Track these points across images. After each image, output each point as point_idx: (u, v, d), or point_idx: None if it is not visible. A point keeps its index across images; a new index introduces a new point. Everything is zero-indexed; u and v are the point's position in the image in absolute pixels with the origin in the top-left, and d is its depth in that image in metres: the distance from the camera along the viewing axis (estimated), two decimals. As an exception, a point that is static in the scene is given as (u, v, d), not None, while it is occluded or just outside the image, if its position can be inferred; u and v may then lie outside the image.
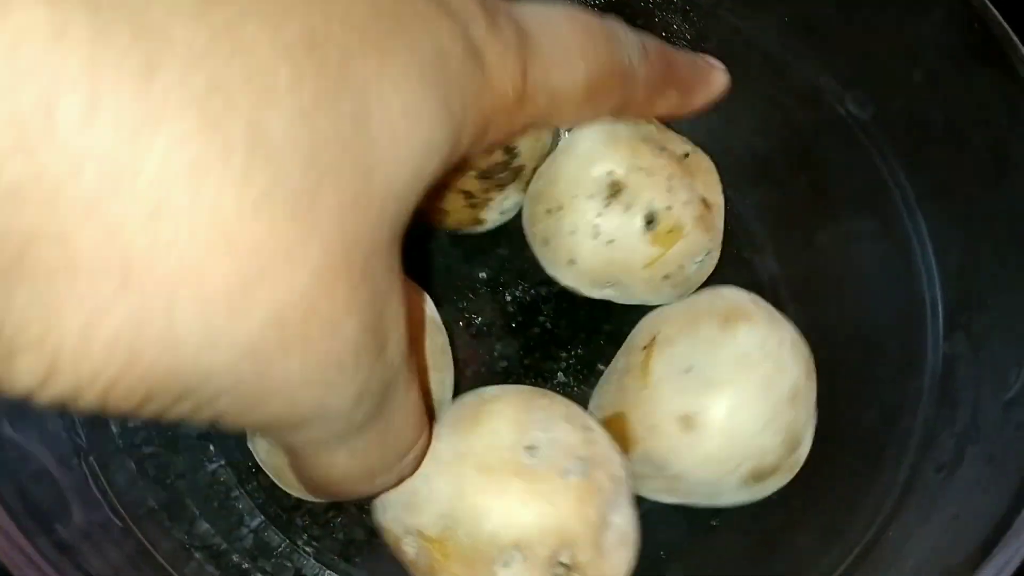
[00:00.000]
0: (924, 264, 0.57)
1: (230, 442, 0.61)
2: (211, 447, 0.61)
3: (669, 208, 0.56)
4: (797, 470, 0.54)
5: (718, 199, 0.60)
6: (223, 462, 0.60)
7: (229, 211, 0.27)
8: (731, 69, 0.65)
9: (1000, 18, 0.53)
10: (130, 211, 0.25)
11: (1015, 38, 0.52)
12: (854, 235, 0.63)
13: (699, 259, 0.58)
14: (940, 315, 0.56)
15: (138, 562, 0.52)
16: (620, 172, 0.56)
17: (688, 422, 0.51)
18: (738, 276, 0.60)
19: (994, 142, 0.54)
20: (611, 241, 0.56)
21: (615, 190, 0.56)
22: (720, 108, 0.65)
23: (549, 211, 0.58)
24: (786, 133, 0.66)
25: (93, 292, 0.26)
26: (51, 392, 0.27)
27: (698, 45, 0.67)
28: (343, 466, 0.39)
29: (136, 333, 0.27)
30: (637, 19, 0.67)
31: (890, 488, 0.53)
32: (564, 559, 0.47)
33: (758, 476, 0.52)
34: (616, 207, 0.56)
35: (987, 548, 0.43)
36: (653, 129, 0.59)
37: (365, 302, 0.32)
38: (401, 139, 0.32)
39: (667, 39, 0.66)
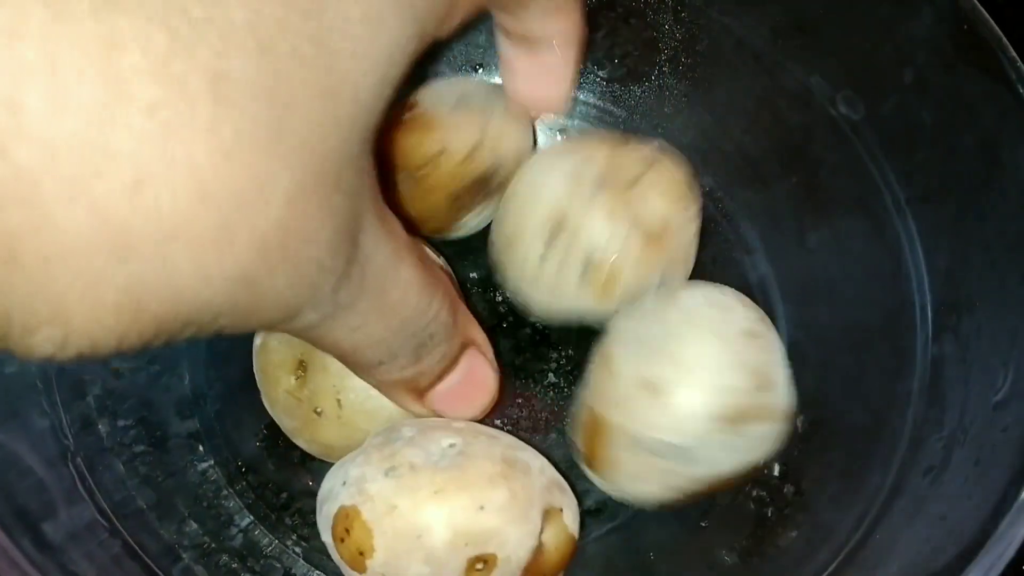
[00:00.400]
0: (913, 265, 0.57)
1: (219, 441, 0.61)
2: (200, 447, 0.61)
3: (604, 248, 0.57)
4: (782, 419, 0.54)
5: (679, 211, 0.59)
6: (212, 462, 0.60)
7: (204, 165, 0.27)
8: (722, 70, 0.65)
9: (989, 19, 0.53)
10: (112, 188, 0.26)
11: (1004, 39, 0.52)
12: (844, 236, 0.63)
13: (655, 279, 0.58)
14: (929, 317, 0.56)
15: (125, 563, 0.52)
16: (556, 214, 0.57)
17: (652, 385, 0.52)
18: (728, 276, 0.60)
19: (984, 143, 0.54)
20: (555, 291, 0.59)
21: (553, 232, 0.57)
22: (711, 109, 0.65)
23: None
24: (777, 134, 0.66)
25: (91, 269, 0.27)
26: (69, 353, 0.29)
27: (689, 46, 0.67)
28: (347, 340, 0.41)
29: (139, 292, 0.28)
30: (630, 18, 0.67)
31: (878, 490, 0.53)
32: None
33: (733, 419, 0.52)
34: (554, 254, 0.57)
35: (973, 551, 0.43)
36: (601, 158, 0.58)
37: (338, 208, 0.34)
38: (363, 49, 0.32)
39: (657, 39, 0.66)
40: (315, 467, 0.61)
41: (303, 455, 0.60)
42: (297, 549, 0.59)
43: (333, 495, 0.50)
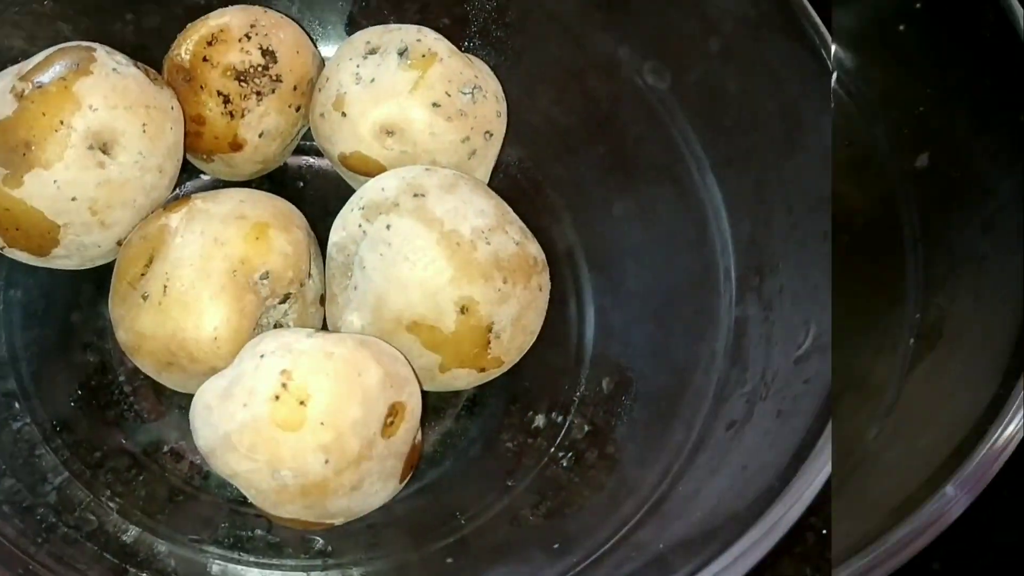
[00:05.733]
0: (718, 230, 0.59)
1: (34, 401, 0.61)
2: (16, 404, 0.60)
3: (419, 40, 0.63)
4: None
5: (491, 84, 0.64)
6: (28, 420, 0.60)
7: None
8: (531, 41, 0.66)
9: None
10: None
11: (808, 6, 0.54)
12: (650, 203, 0.64)
13: (467, 89, 0.62)
14: (733, 279, 0.58)
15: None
16: (373, 41, 0.63)
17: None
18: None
19: (786, 109, 0.56)
20: (372, 80, 0.62)
21: (370, 50, 0.62)
22: (520, 80, 0.65)
23: (321, 90, 0.64)
24: (584, 104, 0.66)
25: None
26: None
27: (499, 17, 0.68)
28: None
29: None
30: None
31: (682, 446, 0.55)
32: None
33: None
34: (372, 57, 0.62)
35: (773, 493, 0.44)
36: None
37: None
38: None
39: (468, 11, 0.68)
40: (128, 427, 0.62)
41: (117, 415, 0.61)
42: (111, 504, 0.59)
43: (248, 373, 0.50)
